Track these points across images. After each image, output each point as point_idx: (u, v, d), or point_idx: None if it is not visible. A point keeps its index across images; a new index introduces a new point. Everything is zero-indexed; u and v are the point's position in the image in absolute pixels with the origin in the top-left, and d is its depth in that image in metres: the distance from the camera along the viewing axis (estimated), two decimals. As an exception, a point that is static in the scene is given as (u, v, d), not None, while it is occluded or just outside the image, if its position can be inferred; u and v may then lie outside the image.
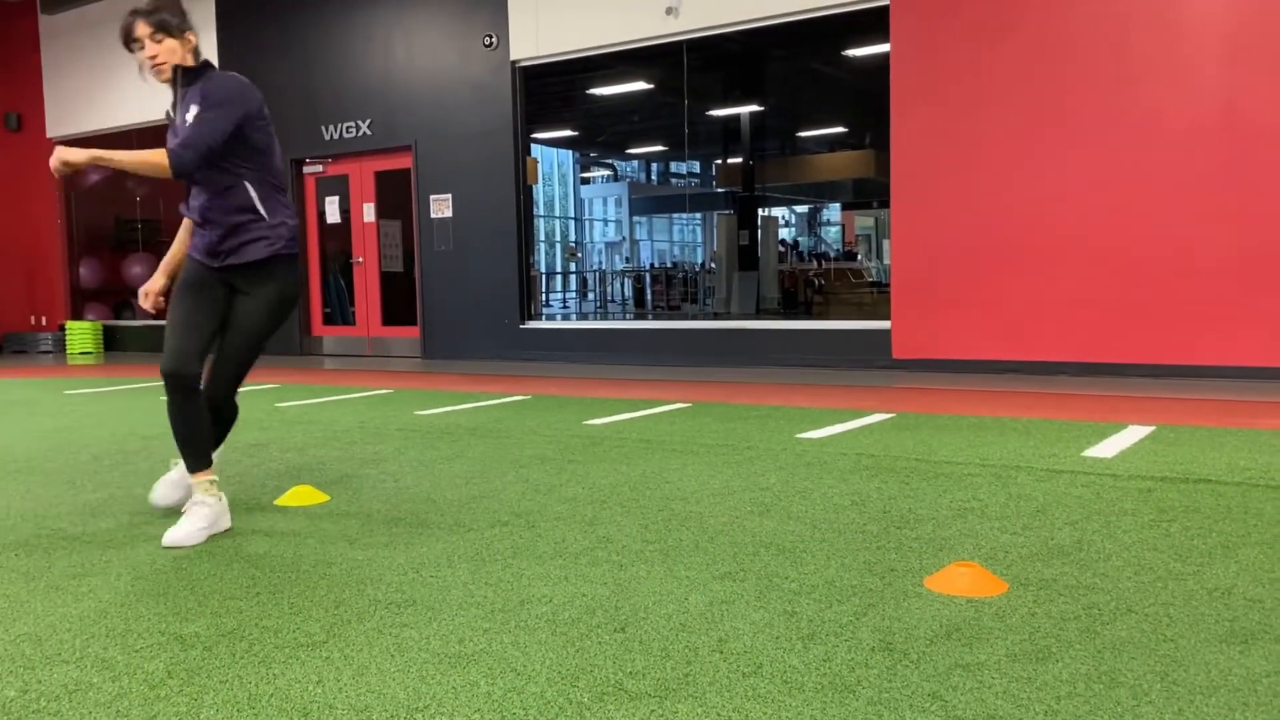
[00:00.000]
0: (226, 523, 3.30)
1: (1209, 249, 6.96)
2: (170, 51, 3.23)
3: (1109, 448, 4.46)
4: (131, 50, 3.25)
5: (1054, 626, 2.26)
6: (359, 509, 3.59)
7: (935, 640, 2.19)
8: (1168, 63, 7.03)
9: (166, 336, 3.24)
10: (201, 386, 3.28)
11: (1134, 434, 4.79)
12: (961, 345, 7.89)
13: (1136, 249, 7.19)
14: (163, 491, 3.57)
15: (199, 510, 3.21)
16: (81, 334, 13.43)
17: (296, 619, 2.42)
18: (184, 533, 3.13)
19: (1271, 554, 2.79)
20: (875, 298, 13.65)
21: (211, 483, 3.26)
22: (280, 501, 3.70)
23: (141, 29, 3.20)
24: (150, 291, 3.47)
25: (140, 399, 7.37)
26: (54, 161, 3.02)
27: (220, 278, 3.34)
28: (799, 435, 5.00)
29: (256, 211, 3.29)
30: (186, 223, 3.46)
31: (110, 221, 14.65)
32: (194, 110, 3.17)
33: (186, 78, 3.28)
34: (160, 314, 3.57)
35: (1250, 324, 6.87)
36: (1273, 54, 6.71)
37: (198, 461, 3.26)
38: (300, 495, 3.72)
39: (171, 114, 3.35)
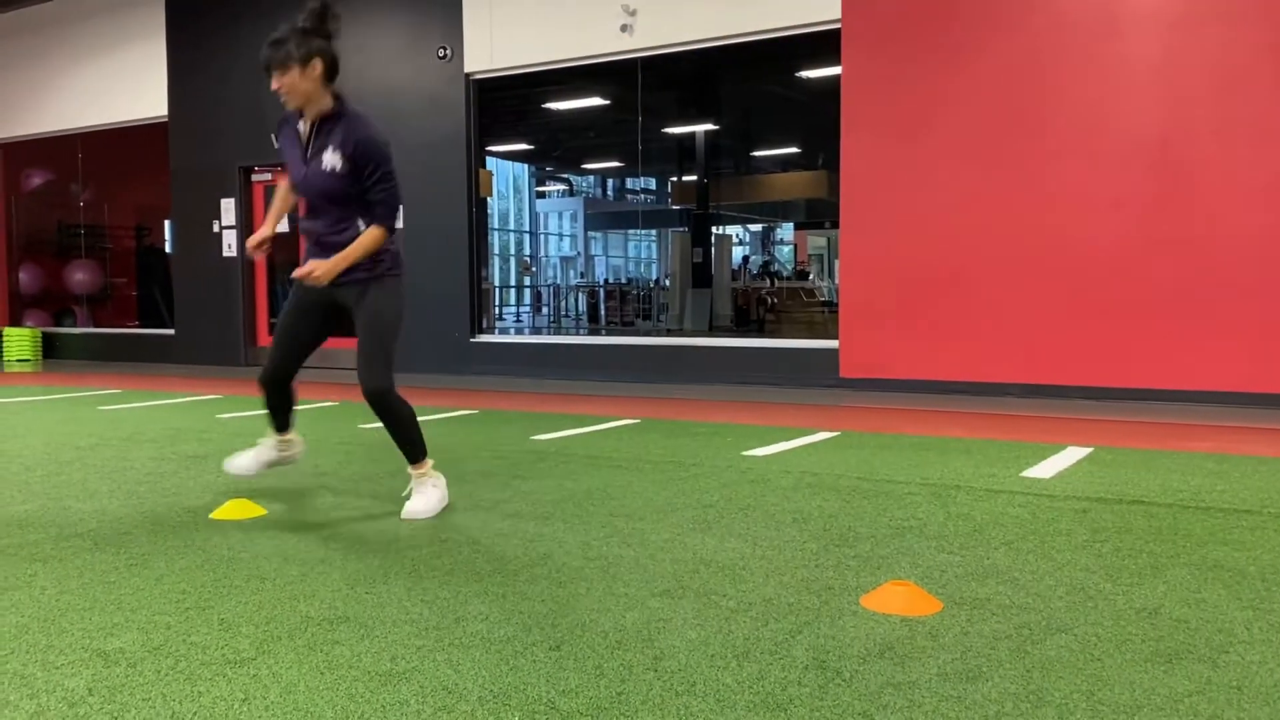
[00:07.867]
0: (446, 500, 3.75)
1: (1152, 274, 7.12)
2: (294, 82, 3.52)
3: (1048, 468, 4.53)
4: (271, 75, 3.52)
5: (985, 646, 2.29)
6: (296, 523, 3.53)
7: (868, 659, 2.21)
8: (1110, 92, 7.19)
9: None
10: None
11: (1072, 455, 4.88)
12: (908, 365, 7.98)
13: (1080, 274, 7.34)
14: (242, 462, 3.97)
15: (432, 490, 3.68)
16: (19, 341, 13.10)
17: (225, 635, 2.37)
18: (423, 505, 3.61)
19: (1198, 575, 2.85)
20: (826, 316, 13.76)
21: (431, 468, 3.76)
22: (215, 515, 3.63)
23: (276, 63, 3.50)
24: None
25: (77, 408, 7.20)
26: (310, 275, 3.52)
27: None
28: (745, 452, 5.02)
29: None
30: (282, 187, 3.88)
31: (52, 226, 14.34)
32: (337, 157, 3.55)
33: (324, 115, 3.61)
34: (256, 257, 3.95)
35: (1188, 348, 7.02)
36: (1205, 87, 6.90)
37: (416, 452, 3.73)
38: (236, 509, 3.65)
39: (295, 139, 3.67)
